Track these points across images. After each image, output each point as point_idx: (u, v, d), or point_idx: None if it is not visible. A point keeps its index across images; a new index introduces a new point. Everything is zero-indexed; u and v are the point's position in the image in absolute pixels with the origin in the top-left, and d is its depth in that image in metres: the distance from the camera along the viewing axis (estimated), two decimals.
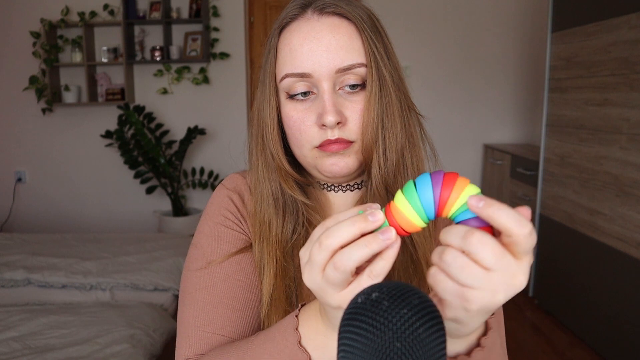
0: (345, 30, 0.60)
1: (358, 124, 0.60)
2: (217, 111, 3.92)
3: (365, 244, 0.39)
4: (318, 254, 0.41)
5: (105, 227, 4.02)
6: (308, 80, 0.60)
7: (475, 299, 0.37)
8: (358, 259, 0.39)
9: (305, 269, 0.43)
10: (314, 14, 0.60)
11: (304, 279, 0.43)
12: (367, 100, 0.60)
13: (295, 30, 0.61)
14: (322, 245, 0.41)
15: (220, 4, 3.78)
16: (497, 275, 0.36)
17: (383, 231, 0.40)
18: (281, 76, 0.61)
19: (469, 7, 3.79)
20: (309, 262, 0.42)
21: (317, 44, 0.59)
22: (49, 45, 3.69)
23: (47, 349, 1.64)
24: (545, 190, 2.88)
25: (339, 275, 0.40)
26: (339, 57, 0.59)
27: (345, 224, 0.40)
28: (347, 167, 0.61)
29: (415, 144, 0.64)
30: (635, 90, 2.11)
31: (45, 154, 4.01)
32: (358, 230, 0.40)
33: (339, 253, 0.40)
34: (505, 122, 3.95)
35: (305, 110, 0.61)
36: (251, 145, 0.67)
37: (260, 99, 0.65)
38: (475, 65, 3.85)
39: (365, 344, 0.33)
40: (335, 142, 0.60)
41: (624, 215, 2.19)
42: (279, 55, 0.62)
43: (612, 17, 2.26)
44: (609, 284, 2.31)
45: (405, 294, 0.35)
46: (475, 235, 0.36)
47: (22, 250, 2.51)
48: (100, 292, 2.17)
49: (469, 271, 0.37)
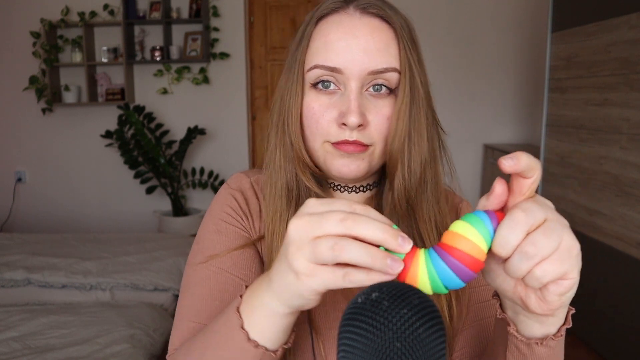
0: (385, 33, 0.59)
1: (379, 129, 0.59)
2: (217, 111, 3.92)
3: (373, 255, 0.38)
4: (333, 224, 0.39)
5: (105, 227, 4.02)
6: (337, 76, 0.59)
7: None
8: (355, 260, 0.38)
9: (303, 218, 0.40)
10: (356, 11, 0.60)
11: (294, 224, 0.40)
12: (398, 109, 0.59)
13: (334, 23, 0.60)
14: (345, 222, 0.38)
15: (220, 4, 3.78)
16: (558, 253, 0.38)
17: (394, 259, 0.38)
18: (311, 66, 0.60)
19: (469, 7, 3.79)
20: (318, 218, 0.39)
21: (355, 42, 0.58)
22: (49, 45, 3.69)
23: (47, 349, 1.64)
24: (545, 190, 2.88)
25: (328, 254, 0.38)
26: (374, 59, 0.58)
27: (377, 226, 0.38)
28: (357, 170, 0.61)
29: (436, 159, 0.64)
30: (635, 90, 2.11)
31: (45, 154, 4.01)
32: (382, 240, 0.38)
33: (346, 240, 0.38)
34: (505, 122, 3.95)
35: (328, 105, 0.60)
36: (270, 134, 0.65)
37: (286, 86, 0.63)
38: (475, 65, 3.85)
39: (365, 344, 0.33)
40: (352, 144, 0.59)
41: (624, 215, 2.19)
42: (311, 45, 0.61)
43: (612, 17, 2.26)
44: (609, 284, 2.31)
45: (405, 294, 0.35)
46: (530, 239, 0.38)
47: (22, 250, 2.51)
48: (100, 292, 2.17)
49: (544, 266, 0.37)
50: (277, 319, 0.46)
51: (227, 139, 3.96)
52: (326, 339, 0.63)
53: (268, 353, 0.48)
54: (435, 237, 0.63)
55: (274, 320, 0.46)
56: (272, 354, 0.48)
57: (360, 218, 0.38)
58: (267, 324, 0.47)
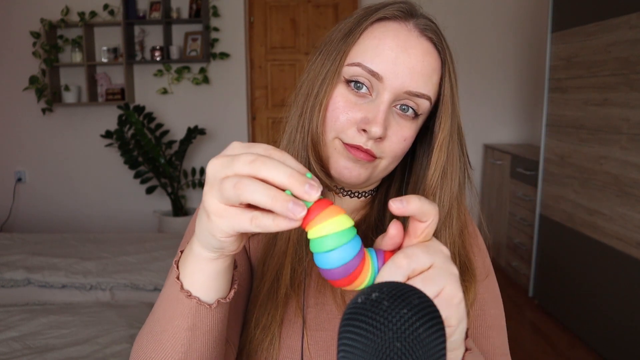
0: (434, 61, 0.60)
1: (393, 147, 0.60)
2: (217, 111, 3.92)
3: (273, 197, 0.37)
4: (242, 164, 0.38)
5: (105, 227, 4.02)
6: (373, 82, 0.58)
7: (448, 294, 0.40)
8: (257, 201, 0.37)
9: (220, 159, 0.40)
10: (415, 28, 0.59)
11: (211, 163, 0.40)
12: (439, 145, 0.60)
13: (391, 30, 0.59)
14: (253, 165, 0.38)
15: (220, 4, 3.78)
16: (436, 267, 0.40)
17: (296, 202, 0.37)
18: (354, 61, 0.59)
19: (469, 7, 3.79)
20: (230, 159, 0.39)
21: (406, 58, 0.58)
22: (49, 45, 3.69)
23: (47, 349, 1.64)
24: (545, 190, 2.88)
25: (232, 193, 0.38)
26: (417, 81, 0.58)
27: (285, 170, 0.38)
28: (358, 176, 0.61)
29: (462, 191, 0.64)
30: (635, 90, 2.11)
31: (45, 154, 4.01)
32: (287, 185, 0.38)
33: (250, 180, 0.38)
34: (505, 122, 3.96)
35: (354, 105, 0.59)
36: (292, 117, 0.64)
37: (320, 71, 0.61)
38: (475, 65, 3.85)
39: (365, 344, 0.33)
40: (364, 152, 0.59)
41: (624, 215, 2.19)
42: (361, 41, 0.60)
43: (612, 17, 2.26)
44: (609, 284, 2.31)
45: (405, 294, 0.35)
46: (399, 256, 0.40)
47: (22, 250, 2.51)
48: (100, 292, 2.17)
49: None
50: (205, 264, 0.46)
51: (227, 139, 3.96)
52: (314, 341, 0.63)
53: (203, 305, 0.47)
54: (458, 268, 0.62)
55: (202, 266, 0.46)
56: (207, 306, 0.48)
57: (270, 161, 0.38)
58: (197, 272, 0.47)
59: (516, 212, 3.28)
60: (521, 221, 3.18)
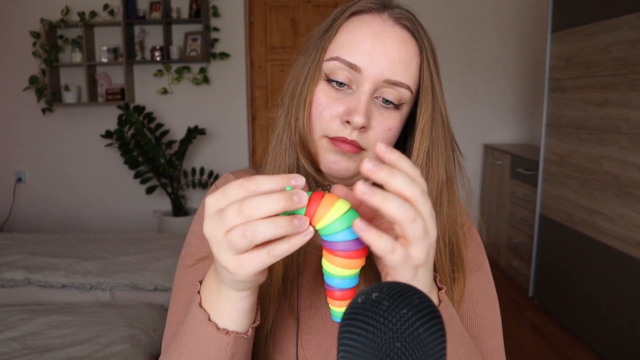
0: (411, 48, 0.60)
1: (378, 137, 0.60)
2: (217, 111, 3.92)
3: (280, 225, 0.40)
4: (233, 217, 0.40)
5: (105, 227, 4.02)
6: (353, 74, 0.59)
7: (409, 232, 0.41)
8: (269, 236, 0.40)
9: (211, 220, 0.42)
10: (390, 18, 0.60)
11: (205, 228, 0.42)
12: (420, 130, 0.60)
13: (367, 22, 0.60)
14: (242, 212, 0.40)
15: (220, 4, 3.78)
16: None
17: (300, 218, 0.41)
18: (332, 56, 0.60)
19: (469, 7, 3.79)
20: (219, 217, 0.41)
21: (382, 47, 0.58)
22: (49, 45, 3.69)
23: (47, 349, 1.64)
24: (545, 190, 2.88)
25: (243, 242, 0.40)
26: (394, 69, 0.58)
27: (270, 200, 0.40)
28: (347, 170, 0.61)
29: (454, 182, 0.64)
30: (635, 90, 2.11)
31: (45, 154, 4.01)
32: (281, 210, 0.40)
33: (253, 224, 0.40)
34: (505, 122, 3.96)
35: (336, 100, 0.60)
36: (280, 117, 0.65)
37: (302, 70, 0.63)
38: (475, 65, 3.85)
39: (365, 344, 0.33)
40: (349, 143, 0.59)
41: (624, 215, 2.19)
42: (338, 36, 0.61)
43: (612, 17, 2.26)
44: (609, 284, 2.31)
45: (405, 294, 0.35)
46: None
47: (22, 250, 2.51)
48: (100, 292, 2.17)
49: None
50: (237, 302, 0.48)
51: (227, 139, 3.96)
52: (307, 345, 0.62)
53: (240, 336, 0.50)
54: (447, 256, 0.62)
55: (235, 305, 0.49)
56: (243, 336, 0.51)
57: (251, 202, 0.40)
58: (231, 310, 0.49)
59: (516, 212, 3.28)
60: (521, 221, 3.18)
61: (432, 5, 3.74)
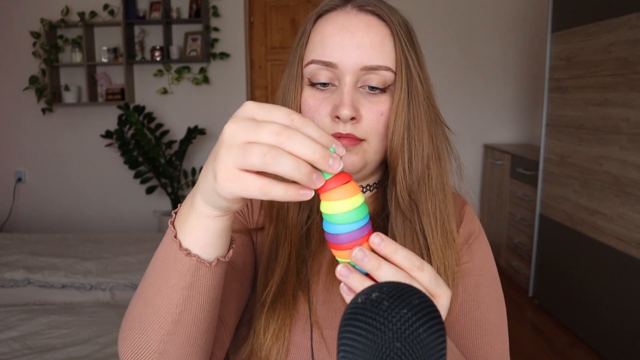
0: (380, 31, 0.60)
1: (372, 124, 0.60)
2: (217, 111, 3.92)
3: (300, 169, 0.38)
4: (266, 134, 0.38)
5: (105, 227, 4.02)
6: (332, 71, 0.60)
7: None
8: (284, 172, 0.37)
9: (242, 122, 0.39)
10: (353, 8, 0.61)
11: (229, 125, 0.39)
12: (396, 105, 0.60)
13: (331, 19, 0.61)
14: (280, 135, 0.38)
15: (220, 4, 3.78)
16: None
17: (318, 176, 0.39)
18: (307, 61, 0.62)
19: (469, 7, 3.79)
20: (252, 124, 0.39)
21: (350, 37, 0.59)
22: (49, 45, 3.69)
23: (47, 349, 1.64)
24: (545, 190, 2.88)
25: (257, 161, 0.37)
26: (368, 55, 0.59)
27: (311, 144, 0.38)
28: (352, 165, 0.61)
29: (442, 157, 0.64)
30: (635, 90, 2.11)
31: (45, 154, 4.01)
32: (313, 161, 0.38)
33: (280, 151, 0.37)
34: (505, 122, 3.95)
35: (322, 100, 0.61)
36: None
37: (286, 82, 0.65)
38: (475, 65, 3.85)
39: (365, 344, 0.33)
40: (345, 137, 0.60)
41: (624, 215, 2.19)
42: (310, 41, 0.63)
43: (612, 17, 2.26)
44: (609, 284, 2.31)
45: (405, 294, 0.35)
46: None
47: (22, 250, 2.51)
48: (100, 292, 2.17)
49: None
50: (206, 221, 0.45)
51: None
52: (323, 339, 0.63)
53: (203, 263, 0.46)
54: (439, 232, 0.62)
55: (203, 223, 0.45)
56: (206, 264, 0.47)
57: (296, 136, 0.38)
58: (197, 229, 0.46)
59: (516, 212, 3.28)
60: (521, 221, 3.18)
61: (433, 5, 3.74)
